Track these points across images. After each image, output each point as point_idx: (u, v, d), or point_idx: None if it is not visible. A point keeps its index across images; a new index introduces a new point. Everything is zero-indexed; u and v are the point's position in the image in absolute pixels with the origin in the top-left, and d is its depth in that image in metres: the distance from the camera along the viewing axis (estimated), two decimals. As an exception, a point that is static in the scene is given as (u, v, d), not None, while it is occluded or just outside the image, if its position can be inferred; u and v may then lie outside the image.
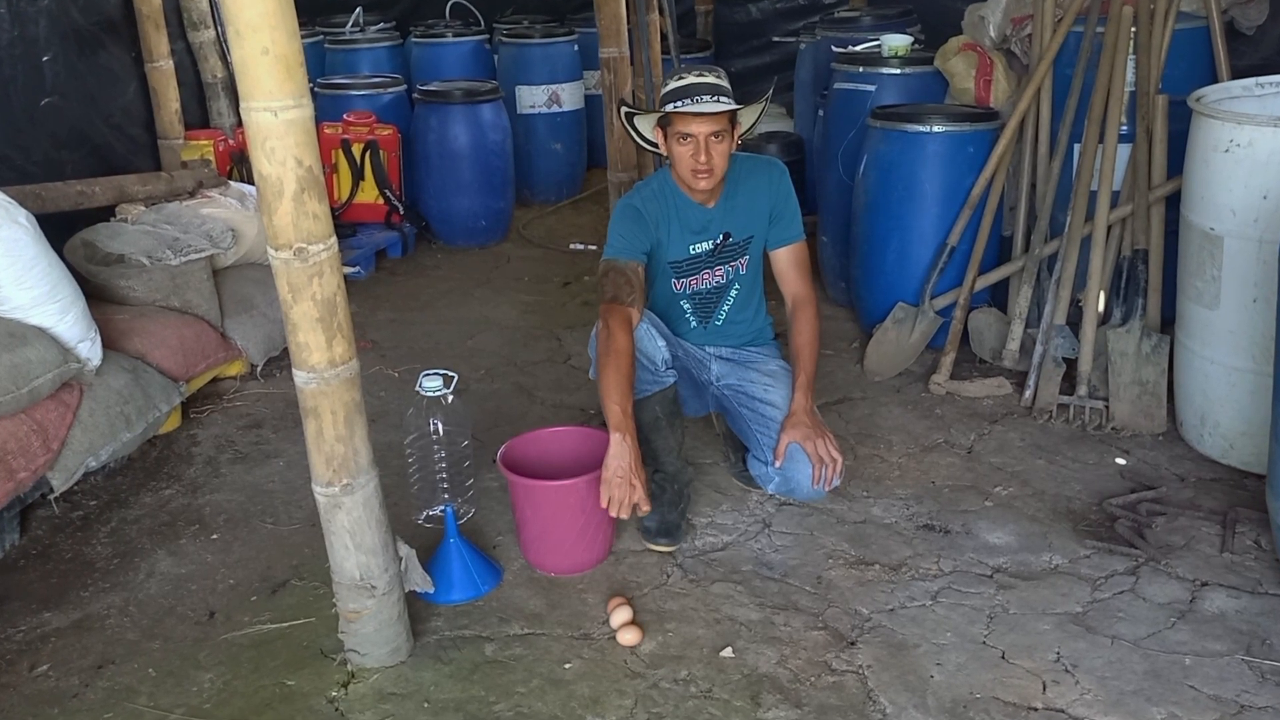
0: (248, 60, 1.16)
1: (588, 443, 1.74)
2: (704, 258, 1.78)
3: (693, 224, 1.75)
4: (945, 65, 2.57)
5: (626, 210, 1.74)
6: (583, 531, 1.65)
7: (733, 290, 1.83)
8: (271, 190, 1.22)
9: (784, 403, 1.75)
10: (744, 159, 1.80)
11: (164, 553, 1.80)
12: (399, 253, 3.44)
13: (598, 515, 1.63)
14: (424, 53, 4.12)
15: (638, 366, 1.65)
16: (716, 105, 1.62)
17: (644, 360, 1.67)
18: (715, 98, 1.63)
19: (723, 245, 1.77)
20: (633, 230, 1.72)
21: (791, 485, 1.74)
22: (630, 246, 1.71)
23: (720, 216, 1.76)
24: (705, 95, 1.63)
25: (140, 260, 2.23)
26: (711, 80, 1.65)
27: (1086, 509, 1.83)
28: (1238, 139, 1.80)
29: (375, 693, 1.43)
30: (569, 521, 1.63)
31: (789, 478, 1.73)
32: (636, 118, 1.75)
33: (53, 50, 2.51)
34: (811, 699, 1.39)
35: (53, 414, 1.80)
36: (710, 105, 1.62)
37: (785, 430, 1.71)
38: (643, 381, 1.68)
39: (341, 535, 1.39)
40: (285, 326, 1.30)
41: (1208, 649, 1.45)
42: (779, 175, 1.80)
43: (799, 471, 1.71)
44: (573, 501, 1.62)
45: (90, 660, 1.52)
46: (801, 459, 1.70)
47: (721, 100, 1.63)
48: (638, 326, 1.66)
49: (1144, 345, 2.12)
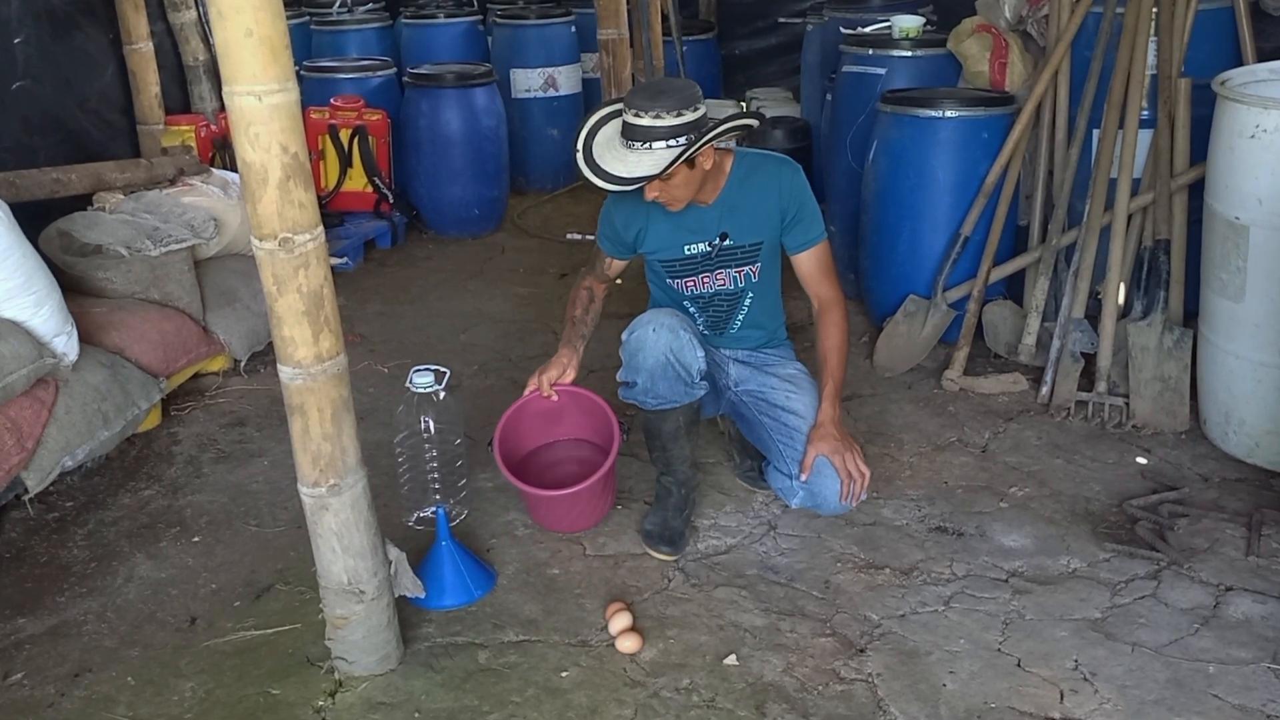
0: (230, 42, 1.14)
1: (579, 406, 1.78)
2: (700, 259, 1.71)
3: (687, 223, 1.68)
4: (959, 47, 2.54)
5: (604, 211, 1.75)
6: (587, 506, 1.73)
7: (746, 300, 1.76)
8: (255, 178, 1.19)
9: (807, 411, 1.70)
10: (752, 156, 1.70)
11: (143, 556, 1.77)
12: (388, 243, 3.41)
13: (599, 494, 1.70)
14: (414, 34, 4.08)
15: (673, 377, 1.62)
16: (636, 166, 1.49)
17: (680, 370, 1.62)
18: (647, 144, 1.49)
19: (720, 247, 1.70)
20: (608, 230, 1.75)
21: (818, 500, 1.68)
22: (609, 244, 1.77)
23: (718, 216, 1.68)
24: (637, 143, 1.49)
25: (119, 251, 2.21)
26: (646, 122, 1.48)
27: (1106, 510, 1.81)
28: (1264, 124, 1.76)
29: (364, 702, 1.41)
30: (576, 509, 1.71)
31: (815, 492, 1.67)
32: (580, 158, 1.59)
33: (25, 31, 2.46)
34: (819, 709, 1.37)
35: (27, 411, 1.78)
36: (629, 165, 1.49)
37: (812, 443, 1.65)
38: (674, 392, 1.64)
39: (328, 538, 1.37)
40: (270, 320, 1.27)
41: (1232, 656, 1.43)
42: (790, 175, 1.69)
43: (826, 487, 1.64)
44: (580, 499, 1.67)
45: (66, 668, 1.49)
46: (829, 473, 1.64)
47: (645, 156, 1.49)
48: (679, 334, 1.61)
49: (1166, 339, 2.09)
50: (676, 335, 1.59)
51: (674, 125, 1.49)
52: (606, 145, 1.56)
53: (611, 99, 1.64)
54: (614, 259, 1.77)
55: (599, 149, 1.56)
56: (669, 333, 1.59)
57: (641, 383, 1.62)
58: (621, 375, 1.67)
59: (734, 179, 1.66)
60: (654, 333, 1.59)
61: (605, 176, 1.53)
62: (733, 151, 1.68)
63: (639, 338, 1.61)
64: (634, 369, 1.62)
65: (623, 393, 1.68)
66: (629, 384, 1.65)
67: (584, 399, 1.76)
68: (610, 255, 1.77)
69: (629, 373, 1.64)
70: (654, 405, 1.65)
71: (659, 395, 1.63)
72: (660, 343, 1.59)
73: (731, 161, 1.66)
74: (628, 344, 1.64)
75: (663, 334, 1.59)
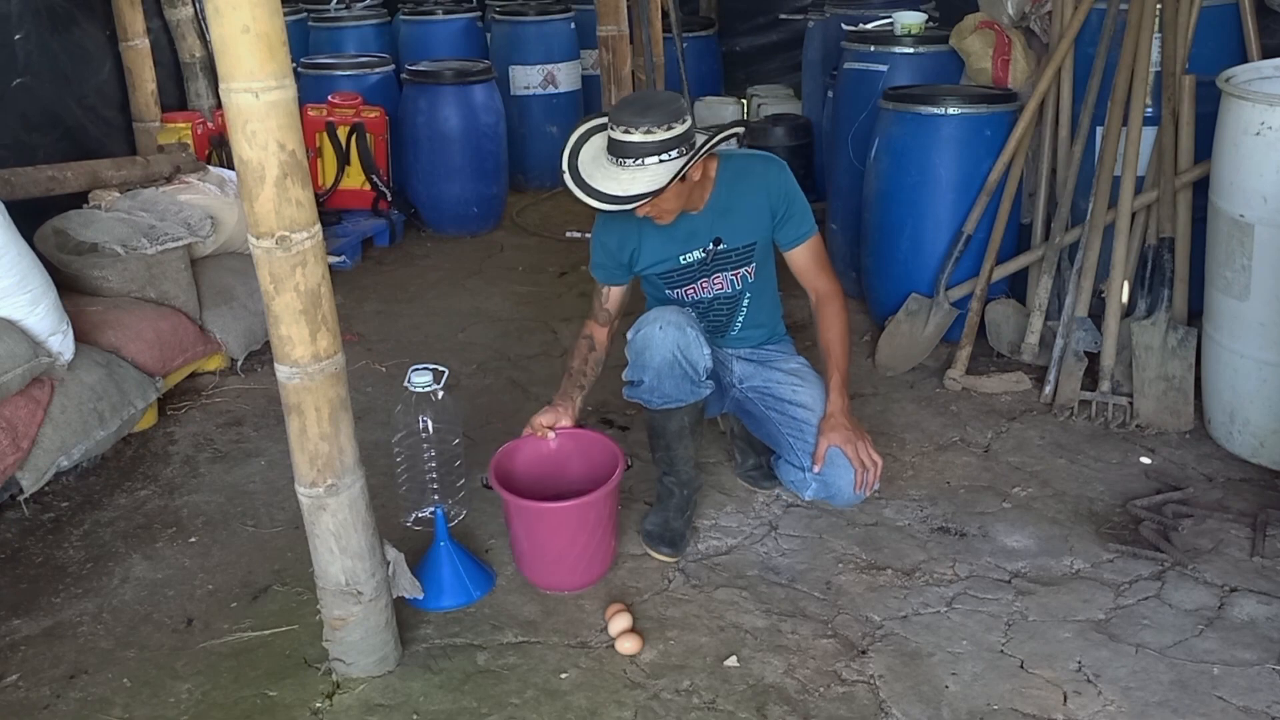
0: (227, 39, 1.13)
1: (581, 445, 1.70)
2: (697, 267, 1.70)
3: (679, 233, 1.66)
4: (961, 44, 2.53)
5: (595, 236, 1.71)
6: (581, 550, 1.59)
7: (745, 300, 1.76)
8: (252, 176, 1.18)
9: (814, 403, 1.69)
10: (736, 157, 1.68)
11: (139, 557, 1.76)
12: (386, 241, 3.39)
13: (597, 533, 1.59)
14: (413, 31, 4.07)
15: (680, 375, 1.60)
16: (631, 184, 1.46)
17: (687, 368, 1.60)
18: (639, 161, 1.46)
19: (715, 252, 1.68)
20: (601, 256, 1.72)
21: (832, 491, 1.67)
22: (603, 272, 1.73)
23: (709, 222, 1.67)
24: (629, 160, 1.46)
25: (114, 249, 2.19)
26: (637, 138, 1.45)
27: (1109, 511, 1.80)
28: (1269, 121, 1.75)
29: (361, 704, 1.41)
30: (566, 540, 1.58)
31: (829, 483, 1.66)
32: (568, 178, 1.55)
33: (25, 28, 2.45)
34: (820, 710, 1.36)
35: (22, 411, 1.77)
36: (623, 184, 1.46)
37: (824, 433, 1.64)
38: (681, 391, 1.62)
39: (326, 538, 1.36)
40: (267, 319, 1.26)
41: (1237, 658, 1.42)
42: (777, 172, 1.67)
43: (840, 477, 1.64)
44: (571, 521, 1.57)
45: (62, 670, 1.48)
46: (843, 464, 1.63)
47: (638, 173, 1.46)
48: (686, 331, 1.58)
49: (1170, 338, 2.08)
50: (684, 332, 1.58)
51: (664, 140, 1.46)
52: (594, 163, 1.52)
53: (591, 116, 1.58)
54: (611, 287, 1.71)
55: (586, 167, 1.52)
56: (676, 330, 1.57)
57: (648, 381, 1.61)
58: (627, 374, 1.65)
59: (721, 183, 1.65)
60: (660, 330, 1.57)
61: (601, 197, 1.49)
62: (716, 156, 1.65)
63: (645, 336, 1.59)
64: (640, 367, 1.61)
65: (627, 391, 1.66)
66: (634, 383, 1.63)
67: (584, 439, 1.69)
68: (607, 284, 1.71)
69: (635, 371, 1.62)
70: (659, 404, 1.63)
71: (665, 394, 1.61)
72: (668, 340, 1.57)
73: (716, 166, 1.65)
74: (634, 342, 1.62)
75: (670, 331, 1.57)
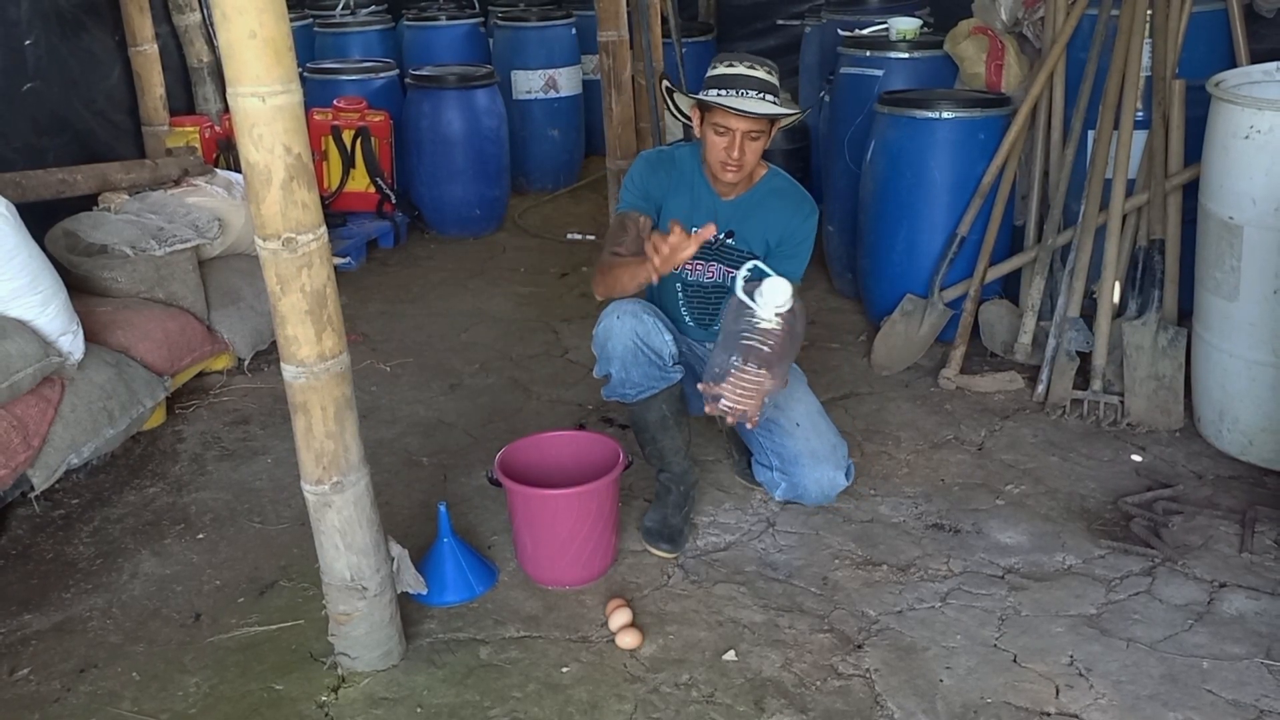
0: (234, 44, 1.14)
1: (583, 447, 1.71)
2: (702, 245, 1.72)
3: (702, 207, 1.71)
4: (955, 49, 2.54)
5: (642, 163, 1.73)
6: (582, 541, 1.60)
7: None
8: (259, 178, 1.19)
9: (784, 402, 1.72)
10: (784, 178, 1.76)
11: (148, 553, 1.77)
12: (390, 243, 3.41)
13: (598, 525, 1.60)
14: (416, 36, 4.09)
15: (645, 362, 1.62)
16: (763, 106, 1.57)
17: (651, 355, 1.63)
18: (763, 95, 1.58)
19: (723, 242, 1.72)
20: (644, 180, 1.70)
21: (799, 491, 1.74)
22: (637, 199, 1.69)
23: (731, 213, 1.71)
24: (753, 91, 1.58)
25: (124, 251, 2.20)
26: (761, 75, 1.60)
27: (1101, 508, 1.81)
28: (1258, 125, 1.77)
29: (366, 698, 1.41)
30: (567, 531, 1.58)
31: (795, 484, 1.73)
32: (676, 93, 1.71)
33: (35, 34, 2.47)
34: (817, 704, 1.37)
35: (33, 410, 1.77)
36: (756, 105, 1.57)
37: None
38: (649, 378, 1.65)
39: (331, 535, 1.37)
40: (273, 319, 1.27)
41: (1226, 652, 1.43)
42: (808, 213, 1.72)
43: (805, 477, 1.71)
44: (572, 510, 1.58)
45: (72, 664, 1.49)
46: (807, 464, 1.70)
47: (768, 100, 1.58)
48: (643, 318, 1.61)
49: (1160, 338, 2.10)
50: (640, 320, 1.60)
51: (777, 86, 1.61)
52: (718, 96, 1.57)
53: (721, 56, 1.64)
54: (643, 215, 1.69)
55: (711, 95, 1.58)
56: (633, 318, 1.60)
57: (615, 373, 1.63)
58: (597, 370, 1.67)
59: (760, 189, 1.71)
60: (619, 320, 1.60)
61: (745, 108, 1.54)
62: (767, 165, 1.73)
63: (605, 327, 1.62)
64: (606, 359, 1.64)
65: (605, 391, 1.69)
66: (608, 379, 1.66)
67: (585, 440, 1.70)
68: (640, 210, 1.69)
69: (603, 365, 1.65)
70: (634, 396, 1.65)
71: (635, 384, 1.64)
72: (625, 328, 1.60)
73: (763, 174, 1.71)
74: (597, 336, 1.65)
75: (627, 320, 1.60)
